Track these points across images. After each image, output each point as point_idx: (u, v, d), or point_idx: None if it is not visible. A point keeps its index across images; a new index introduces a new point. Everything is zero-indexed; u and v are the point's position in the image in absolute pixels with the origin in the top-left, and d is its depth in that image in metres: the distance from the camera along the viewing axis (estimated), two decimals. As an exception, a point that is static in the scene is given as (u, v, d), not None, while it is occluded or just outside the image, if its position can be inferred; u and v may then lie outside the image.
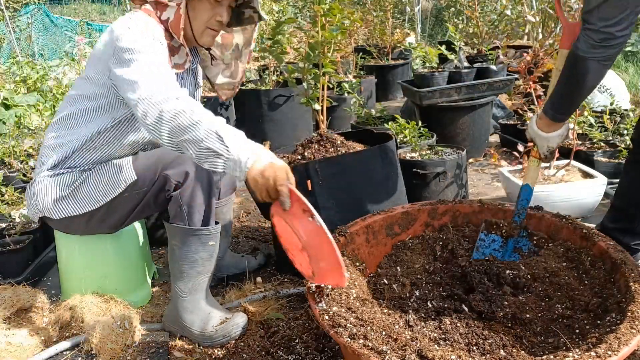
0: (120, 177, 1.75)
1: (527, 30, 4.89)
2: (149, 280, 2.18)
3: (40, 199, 1.79)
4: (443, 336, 1.42)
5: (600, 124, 3.28)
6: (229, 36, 1.98)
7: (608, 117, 3.29)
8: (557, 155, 2.70)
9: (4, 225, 2.51)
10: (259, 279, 2.21)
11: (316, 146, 2.23)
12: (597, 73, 1.53)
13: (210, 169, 1.45)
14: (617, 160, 2.92)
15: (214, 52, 2.00)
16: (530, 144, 1.85)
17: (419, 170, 2.67)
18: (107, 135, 1.77)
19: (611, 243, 1.57)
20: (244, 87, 4.48)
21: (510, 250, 1.78)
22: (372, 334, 1.29)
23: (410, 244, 1.86)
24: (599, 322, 1.37)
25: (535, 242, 1.76)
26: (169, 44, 1.75)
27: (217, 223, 1.84)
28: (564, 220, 1.73)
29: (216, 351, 1.75)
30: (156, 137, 1.50)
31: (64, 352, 1.77)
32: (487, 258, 1.72)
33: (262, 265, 2.33)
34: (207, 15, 1.75)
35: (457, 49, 4.02)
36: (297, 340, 1.75)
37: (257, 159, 1.39)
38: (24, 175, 3.21)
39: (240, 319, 1.81)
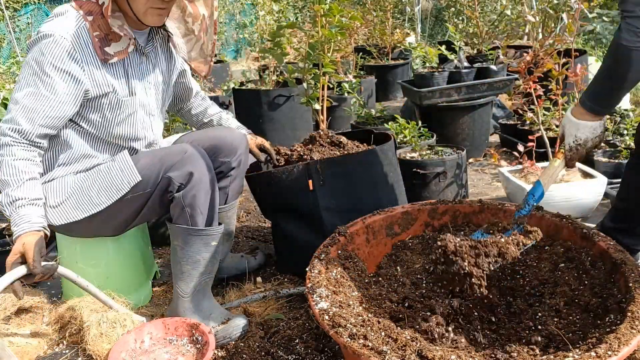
0: (124, 179, 1.74)
1: (527, 30, 4.90)
2: (150, 280, 2.17)
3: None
4: (443, 336, 1.42)
5: (600, 124, 3.28)
6: (195, 7, 1.90)
7: (608, 117, 3.28)
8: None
9: (4, 225, 2.51)
10: (259, 279, 2.21)
11: (316, 146, 2.23)
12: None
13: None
14: (617, 160, 2.92)
15: (171, 27, 1.93)
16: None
17: (419, 170, 2.67)
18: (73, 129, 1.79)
19: (611, 243, 1.57)
20: (243, 87, 4.49)
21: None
22: (372, 334, 1.29)
23: (410, 244, 1.86)
24: (599, 322, 1.37)
25: (523, 233, 1.68)
26: (99, 35, 1.69)
27: (219, 224, 1.84)
28: (564, 220, 1.73)
29: (216, 351, 1.75)
30: None
31: (64, 352, 1.77)
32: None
33: (262, 265, 2.33)
34: None
35: (457, 49, 4.03)
36: (297, 340, 1.75)
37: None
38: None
39: (240, 320, 1.81)
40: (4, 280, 1.51)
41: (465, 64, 3.75)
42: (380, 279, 1.73)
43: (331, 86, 4.56)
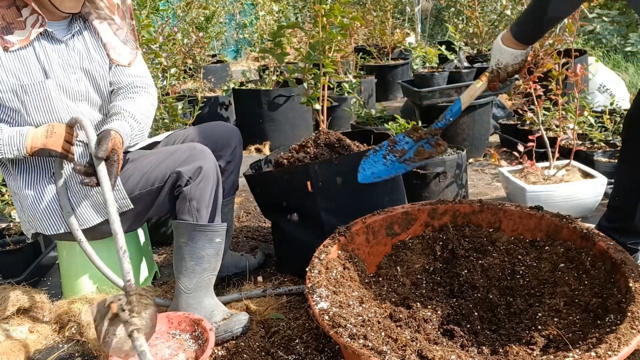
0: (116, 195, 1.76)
1: (527, 30, 4.88)
2: (150, 281, 2.18)
3: (32, 217, 1.81)
4: (443, 336, 1.42)
5: (600, 124, 3.28)
6: None
7: (608, 117, 3.28)
8: (557, 155, 2.70)
9: (4, 225, 2.51)
10: (259, 278, 2.21)
11: (316, 146, 2.23)
12: (560, 4, 1.56)
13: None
14: (617, 160, 2.92)
15: (95, 5, 1.87)
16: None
17: (419, 170, 2.67)
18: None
19: (611, 243, 1.57)
20: (243, 87, 4.49)
21: (414, 148, 1.85)
22: (372, 334, 1.29)
23: (410, 244, 1.86)
24: (599, 322, 1.37)
25: (433, 144, 1.86)
26: (1, 24, 1.67)
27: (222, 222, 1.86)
28: (564, 220, 1.73)
29: (216, 351, 1.75)
30: None
31: (62, 347, 1.77)
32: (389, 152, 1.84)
33: (262, 264, 2.33)
34: None
35: (457, 49, 4.03)
36: (297, 340, 1.75)
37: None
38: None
39: (242, 316, 1.83)
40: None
41: (465, 64, 3.75)
42: (380, 279, 1.73)
43: (331, 86, 4.56)
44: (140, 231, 2.13)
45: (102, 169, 1.55)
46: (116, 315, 1.38)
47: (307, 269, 1.53)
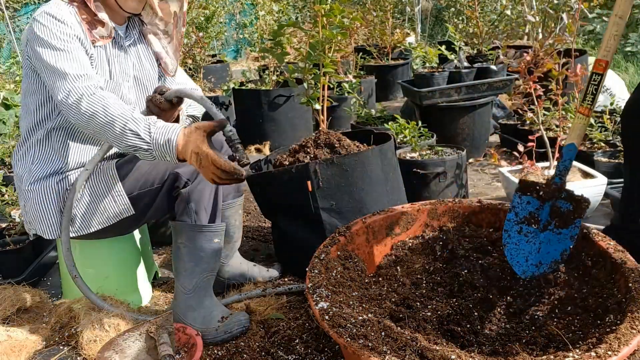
0: (116, 210, 1.78)
1: (527, 30, 4.89)
2: (150, 281, 2.18)
3: (33, 218, 1.81)
4: (443, 336, 1.42)
5: (600, 124, 3.28)
6: (166, 5, 1.91)
7: (608, 117, 3.29)
8: (557, 155, 2.69)
9: (4, 225, 2.51)
10: (259, 279, 2.21)
11: (316, 146, 2.23)
12: None
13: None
14: (617, 160, 2.92)
15: (156, 26, 1.93)
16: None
17: (419, 170, 2.67)
18: (55, 126, 1.77)
19: (611, 243, 1.57)
20: (243, 87, 4.49)
21: (547, 213, 1.62)
22: (372, 334, 1.29)
23: (410, 244, 1.86)
24: (599, 322, 1.37)
25: (574, 205, 1.59)
26: (87, 19, 1.71)
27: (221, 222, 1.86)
28: (564, 220, 1.73)
29: (216, 351, 1.75)
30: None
31: (62, 349, 1.77)
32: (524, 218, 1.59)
33: (277, 278, 2.22)
34: None
35: (457, 49, 4.03)
36: (297, 340, 1.75)
37: (178, 144, 1.48)
38: (24, 175, 3.20)
39: (242, 317, 1.82)
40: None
41: (465, 64, 3.75)
42: (380, 279, 1.73)
43: (331, 86, 4.56)
44: (139, 231, 2.13)
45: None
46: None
47: (307, 269, 1.53)
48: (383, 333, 1.32)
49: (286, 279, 2.20)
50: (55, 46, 1.62)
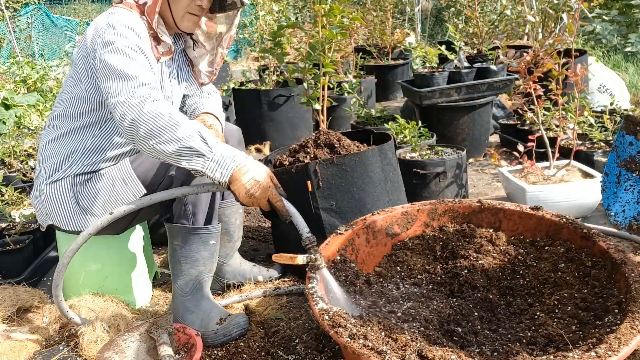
0: (129, 192, 1.76)
1: (527, 30, 4.89)
2: (150, 281, 2.17)
3: (49, 210, 1.80)
4: (443, 336, 1.42)
5: (600, 124, 3.28)
6: (214, 25, 1.96)
7: (608, 117, 3.29)
8: (557, 155, 2.70)
9: (4, 225, 2.51)
10: (260, 278, 2.20)
11: (316, 146, 2.23)
12: None
13: (189, 169, 1.49)
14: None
15: (198, 38, 1.98)
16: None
17: (419, 170, 2.67)
18: (94, 133, 1.77)
19: (611, 243, 1.57)
20: (243, 87, 4.49)
21: None
22: (372, 334, 1.29)
23: (410, 244, 1.86)
24: (599, 322, 1.37)
25: None
26: (153, 34, 1.74)
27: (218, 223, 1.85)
28: (564, 220, 1.73)
29: (216, 351, 1.75)
30: (131, 140, 1.52)
31: (62, 349, 1.77)
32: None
33: (277, 278, 2.22)
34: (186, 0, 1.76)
35: (457, 49, 4.02)
36: (297, 340, 1.75)
37: (242, 165, 1.48)
38: (24, 175, 3.21)
39: (241, 319, 1.81)
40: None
41: (465, 64, 3.75)
42: (380, 279, 1.73)
43: (331, 86, 4.56)
44: (140, 231, 2.13)
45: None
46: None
47: (307, 269, 1.53)
48: (383, 333, 1.32)
49: (286, 279, 2.20)
50: (129, 55, 1.60)
